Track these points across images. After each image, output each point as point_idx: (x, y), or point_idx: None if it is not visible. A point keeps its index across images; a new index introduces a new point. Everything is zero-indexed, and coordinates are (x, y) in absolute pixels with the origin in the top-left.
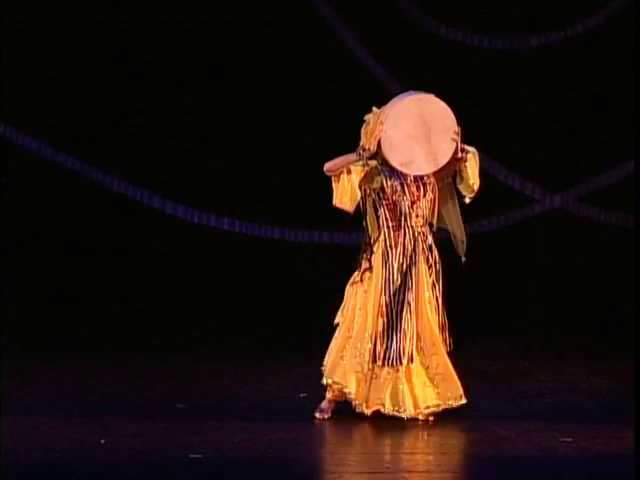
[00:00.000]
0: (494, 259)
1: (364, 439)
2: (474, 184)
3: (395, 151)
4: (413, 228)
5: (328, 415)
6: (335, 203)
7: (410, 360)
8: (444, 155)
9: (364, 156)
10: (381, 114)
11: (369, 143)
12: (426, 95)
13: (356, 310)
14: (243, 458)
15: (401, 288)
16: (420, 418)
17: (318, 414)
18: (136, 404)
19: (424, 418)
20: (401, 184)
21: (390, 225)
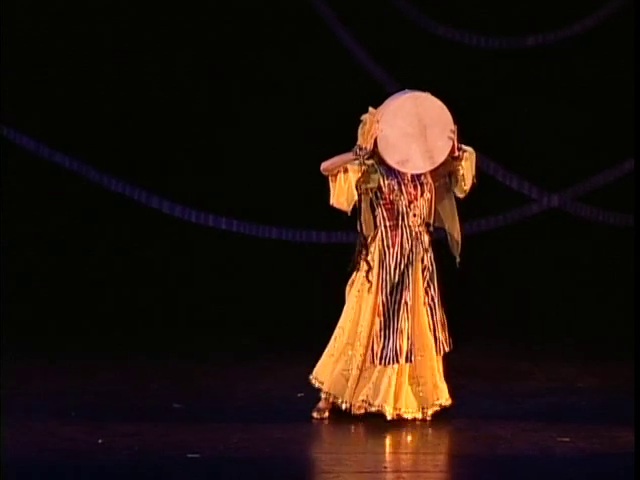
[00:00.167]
0: (492, 259)
1: (361, 439)
2: (466, 184)
3: (391, 149)
4: (410, 228)
5: (325, 415)
6: (332, 203)
7: (407, 359)
8: (440, 153)
9: (361, 155)
10: (377, 113)
11: (366, 142)
12: (422, 93)
13: (350, 311)
14: (241, 458)
15: (398, 287)
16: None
17: (315, 414)
18: (134, 404)
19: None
20: (398, 183)
21: (387, 225)
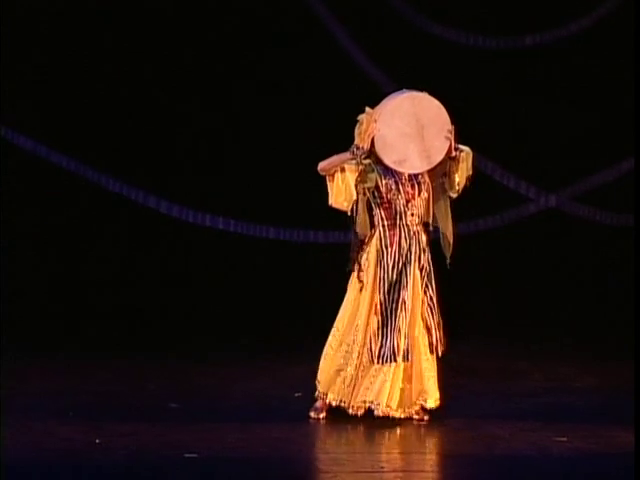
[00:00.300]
0: (489, 259)
1: (359, 438)
2: (459, 184)
3: (389, 149)
4: (409, 227)
5: (323, 414)
6: (331, 203)
7: (404, 358)
8: (438, 153)
9: (358, 154)
10: (374, 113)
11: (363, 141)
12: (419, 93)
13: (345, 310)
14: (238, 458)
15: (396, 286)
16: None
17: (313, 413)
18: (131, 404)
19: (419, 417)
20: (396, 183)
21: (385, 224)
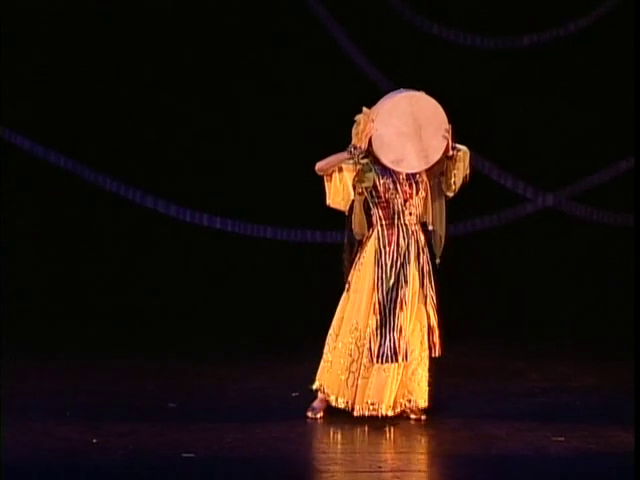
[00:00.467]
0: (486, 258)
1: (356, 438)
2: (456, 184)
3: (386, 148)
4: (407, 226)
5: (320, 414)
6: (329, 203)
7: (405, 358)
8: (435, 152)
9: (355, 154)
10: (372, 113)
11: (360, 141)
12: (417, 93)
13: (346, 313)
14: (235, 457)
15: (394, 286)
16: (412, 417)
17: (310, 413)
18: (129, 404)
19: (416, 417)
20: (393, 182)
21: (383, 224)
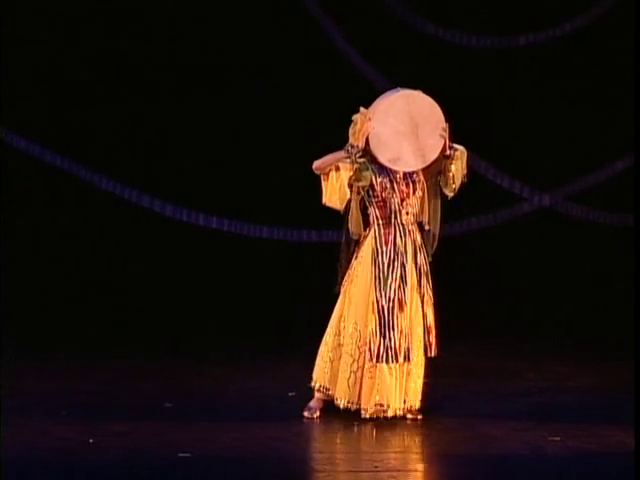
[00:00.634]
0: (483, 258)
1: (353, 438)
2: (455, 183)
3: (383, 147)
4: (403, 225)
5: (317, 414)
6: (325, 202)
7: (406, 358)
8: (432, 151)
9: (353, 153)
10: (369, 112)
11: (357, 140)
12: (414, 92)
13: (344, 312)
14: (232, 457)
15: (392, 285)
16: (408, 417)
17: (307, 413)
18: (126, 403)
19: (413, 417)
20: (390, 181)
21: (380, 223)
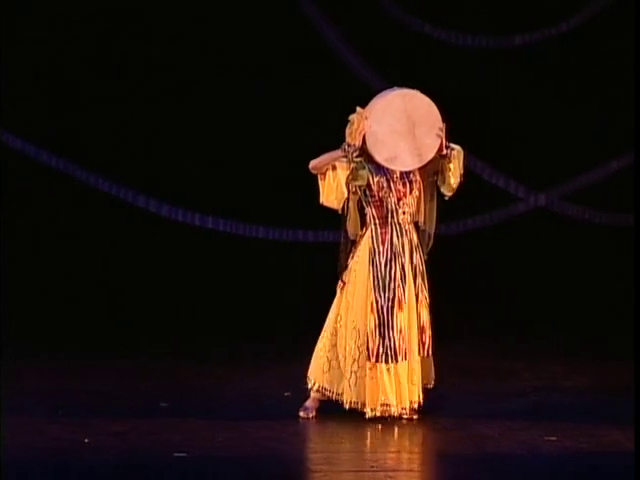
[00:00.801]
0: (478, 258)
1: (348, 438)
2: (454, 183)
3: (380, 146)
4: (400, 225)
5: (312, 414)
6: (322, 201)
7: (405, 357)
8: (429, 150)
9: (349, 152)
10: (365, 111)
11: (354, 139)
12: (411, 91)
13: (341, 311)
14: (227, 457)
15: (390, 285)
16: (404, 416)
17: (302, 413)
18: (122, 403)
19: (409, 416)
20: (387, 181)
21: (377, 222)
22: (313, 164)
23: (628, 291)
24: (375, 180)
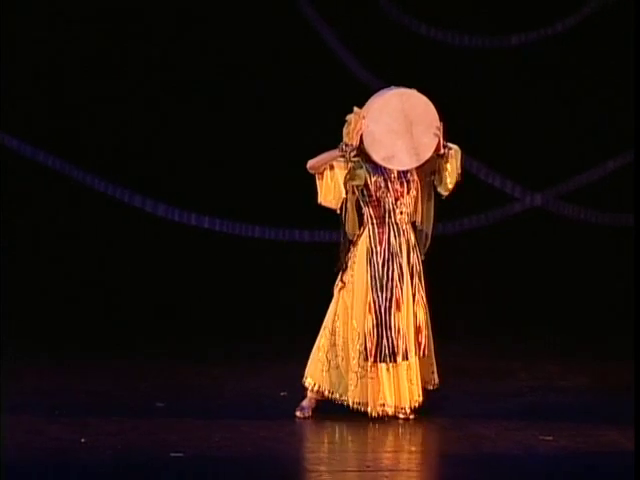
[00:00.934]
0: (475, 258)
1: (345, 438)
2: (451, 182)
3: (377, 145)
4: (397, 225)
5: (309, 414)
6: (320, 201)
7: (404, 357)
8: (426, 150)
9: (347, 151)
10: (363, 110)
11: (351, 138)
12: (408, 90)
13: (340, 311)
14: (224, 457)
15: (388, 285)
16: (400, 416)
17: (299, 412)
18: (120, 403)
19: (405, 416)
20: (385, 180)
21: (374, 222)
22: (311, 164)
23: (625, 291)
24: (373, 180)
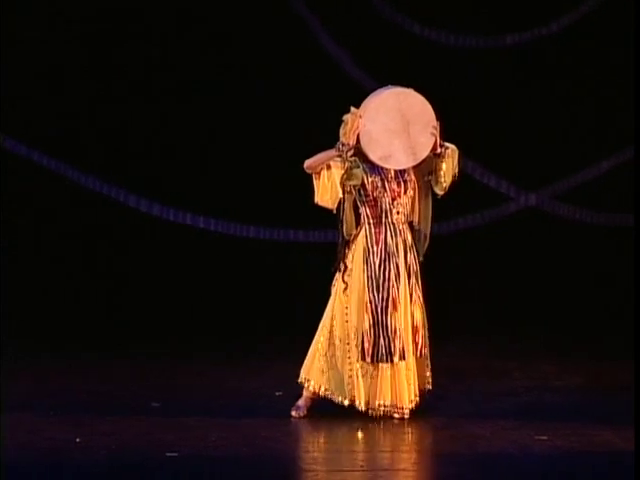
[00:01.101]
0: (470, 257)
1: (340, 437)
2: (446, 182)
3: (374, 145)
4: (394, 225)
5: (304, 413)
6: (317, 201)
7: (401, 357)
8: (423, 149)
9: (344, 151)
10: (360, 110)
11: (348, 138)
12: (405, 89)
13: (337, 311)
14: (219, 456)
15: (384, 285)
16: (395, 415)
17: (294, 412)
18: (118, 403)
19: (400, 416)
20: (382, 180)
21: (371, 222)
22: (307, 164)
23: (621, 291)
24: (369, 180)
